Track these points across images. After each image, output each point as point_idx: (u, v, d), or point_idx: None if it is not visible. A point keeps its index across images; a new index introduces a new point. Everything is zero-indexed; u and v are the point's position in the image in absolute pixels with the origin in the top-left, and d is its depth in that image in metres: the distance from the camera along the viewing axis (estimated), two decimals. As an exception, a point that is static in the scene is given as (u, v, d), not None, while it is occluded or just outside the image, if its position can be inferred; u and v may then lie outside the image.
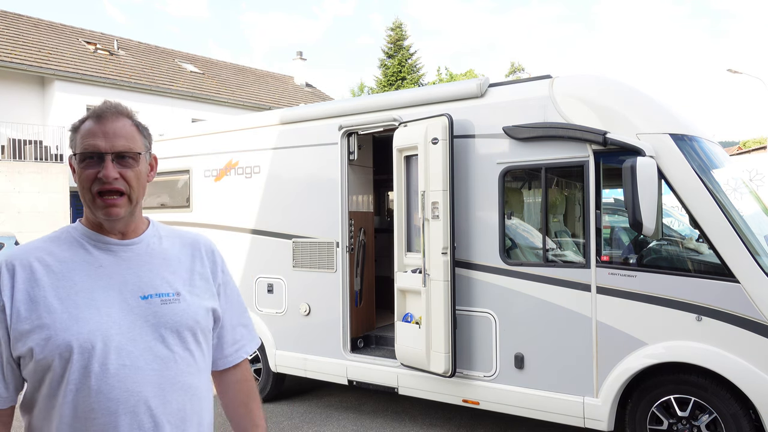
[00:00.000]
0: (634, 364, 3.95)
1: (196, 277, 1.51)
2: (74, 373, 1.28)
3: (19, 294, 1.30)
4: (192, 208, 6.31)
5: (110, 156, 1.36)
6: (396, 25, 35.66)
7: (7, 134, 16.47)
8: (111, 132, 1.38)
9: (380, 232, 7.05)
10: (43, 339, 1.28)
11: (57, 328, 1.28)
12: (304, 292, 5.54)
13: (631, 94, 4.33)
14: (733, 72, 22.47)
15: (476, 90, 4.63)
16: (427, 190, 4.59)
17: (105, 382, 1.29)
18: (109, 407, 1.29)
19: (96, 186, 1.36)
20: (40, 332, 1.28)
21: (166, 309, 1.40)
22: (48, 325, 1.28)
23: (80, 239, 1.42)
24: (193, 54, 25.90)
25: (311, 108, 5.71)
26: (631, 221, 3.72)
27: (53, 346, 1.27)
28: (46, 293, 1.31)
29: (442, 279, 4.48)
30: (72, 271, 1.36)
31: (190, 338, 1.43)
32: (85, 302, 1.33)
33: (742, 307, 3.65)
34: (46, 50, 18.69)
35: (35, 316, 1.29)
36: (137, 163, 1.41)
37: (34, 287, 1.31)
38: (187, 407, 1.40)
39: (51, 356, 1.28)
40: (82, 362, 1.29)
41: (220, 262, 1.61)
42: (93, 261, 1.39)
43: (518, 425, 5.06)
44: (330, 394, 6.22)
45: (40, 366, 1.29)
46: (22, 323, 1.29)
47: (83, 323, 1.30)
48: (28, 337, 1.28)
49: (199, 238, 1.61)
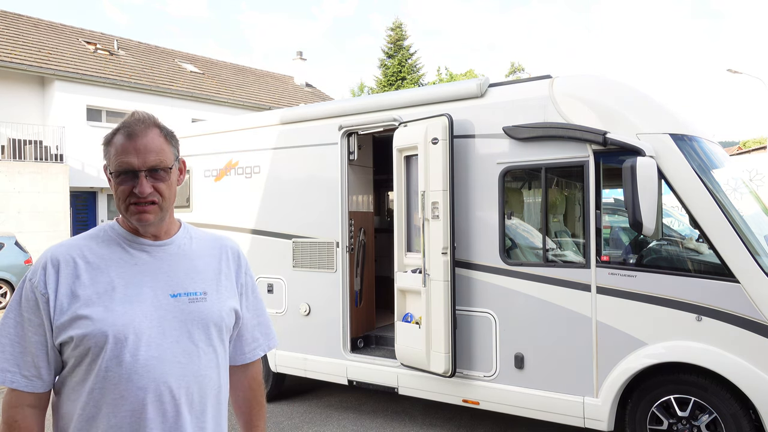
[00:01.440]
0: (634, 364, 3.95)
1: (222, 277, 1.61)
2: (107, 361, 1.38)
3: (62, 288, 1.41)
4: (192, 208, 6.31)
5: (144, 172, 1.46)
6: (396, 25, 35.68)
7: (7, 134, 16.46)
8: (142, 148, 1.46)
9: (380, 232, 7.05)
10: (82, 329, 1.38)
11: (95, 319, 1.39)
12: (304, 292, 5.54)
13: (631, 94, 4.33)
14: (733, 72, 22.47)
15: (476, 90, 4.63)
16: (427, 190, 4.59)
17: (135, 371, 1.39)
18: (137, 395, 1.39)
19: (132, 198, 1.47)
20: (80, 323, 1.39)
21: (193, 307, 1.51)
22: (86, 316, 1.39)
23: (117, 238, 1.52)
24: (193, 54, 25.90)
25: (311, 108, 5.71)
26: (631, 221, 3.72)
27: (90, 336, 1.38)
28: (86, 287, 1.42)
29: (442, 279, 4.48)
30: (109, 268, 1.46)
31: (214, 335, 1.54)
32: (120, 297, 1.43)
33: (742, 307, 3.65)
34: (46, 50, 18.68)
35: (75, 308, 1.40)
36: (168, 175, 1.51)
37: (75, 281, 1.42)
38: (207, 400, 1.51)
39: (87, 345, 1.38)
40: (115, 352, 1.39)
41: (244, 264, 1.71)
42: (129, 259, 1.50)
43: (518, 425, 5.06)
44: (330, 394, 6.22)
45: (76, 354, 1.40)
46: (64, 314, 1.40)
47: (118, 316, 1.40)
48: (68, 327, 1.39)
49: (227, 241, 1.71)
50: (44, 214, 16.06)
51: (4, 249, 12.06)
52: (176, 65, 23.27)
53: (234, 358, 1.70)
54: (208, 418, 1.51)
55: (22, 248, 12.39)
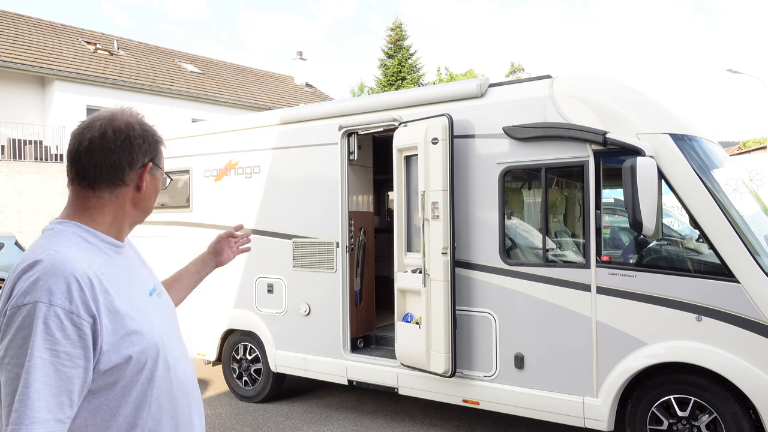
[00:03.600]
0: (634, 364, 3.95)
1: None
2: (161, 368, 1.36)
3: (102, 306, 1.26)
4: (192, 208, 6.31)
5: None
6: (396, 25, 35.67)
7: (7, 134, 16.47)
8: None
9: (380, 232, 7.06)
10: (138, 346, 1.31)
11: (143, 332, 1.33)
12: (304, 292, 5.54)
13: (631, 94, 4.33)
14: (733, 72, 22.46)
15: (476, 90, 4.63)
16: (427, 190, 4.59)
17: (176, 371, 1.42)
18: (184, 391, 1.43)
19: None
20: (133, 339, 1.30)
21: (164, 300, 1.53)
22: (135, 330, 1.31)
23: (97, 244, 1.39)
24: (193, 54, 25.90)
25: (311, 108, 5.71)
26: (631, 221, 3.72)
27: (146, 349, 1.32)
28: (118, 301, 1.31)
29: (442, 279, 4.48)
30: (117, 277, 1.36)
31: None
32: (139, 304, 1.38)
33: (742, 307, 3.65)
34: (46, 50, 18.68)
35: (120, 326, 1.28)
36: None
37: (107, 297, 1.29)
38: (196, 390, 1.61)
39: (144, 358, 1.32)
40: (163, 358, 1.37)
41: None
42: (114, 264, 1.40)
43: (518, 425, 5.06)
44: (330, 394, 6.22)
45: (133, 371, 1.30)
46: (111, 335, 1.27)
47: (150, 323, 1.37)
48: (120, 346, 1.27)
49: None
50: (44, 214, 16.05)
51: (4, 249, 12.07)
52: (176, 65, 23.26)
53: None
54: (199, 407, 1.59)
55: (22, 248, 12.40)
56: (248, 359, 5.99)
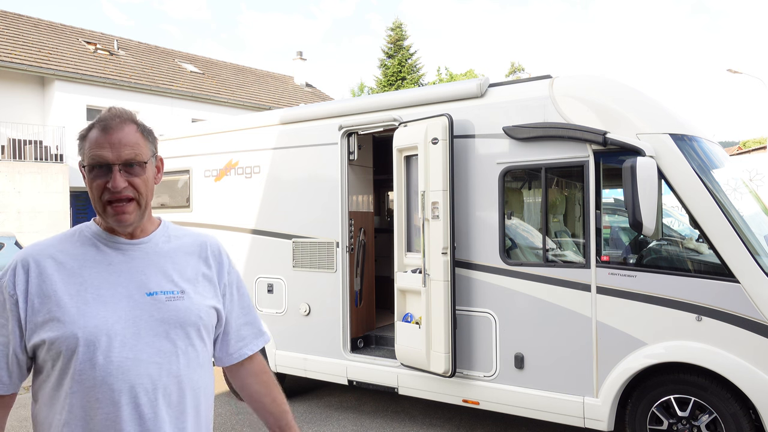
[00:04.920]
0: (634, 364, 3.95)
1: (200, 277, 1.57)
2: (80, 364, 1.35)
3: (33, 288, 1.39)
4: (192, 208, 6.31)
5: (117, 166, 1.42)
6: (396, 25, 35.67)
7: (7, 134, 16.47)
8: (117, 141, 1.43)
9: (380, 232, 7.06)
10: (54, 331, 1.36)
11: (66, 321, 1.36)
12: (304, 292, 5.54)
13: (631, 94, 4.33)
14: (733, 72, 22.46)
15: (476, 90, 4.63)
16: (427, 190, 4.59)
17: (109, 373, 1.36)
18: (112, 397, 1.36)
19: (106, 195, 1.43)
20: (51, 325, 1.36)
21: (170, 305, 1.47)
22: (58, 318, 1.36)
23: (93, 238, 1.49)
24: (193, 54, 25.90)
25: (311, 108, 5.71)
26: (631, 221, 3.72)
27: (62, 338, 1.35)
28: (57, 288, 1.39)
29: (442, 279, 4.48)
30: (82, 268, 1.43)
31: (193, 334, 1.49)
32: (93, 297, 1.40)
33: (742, 307, 3.65)
34: (46, 50, 18.68)
35: (46, 309, 1.37)
36: (144, 170, 1.47)
37: (46, 282, 1.40)
38: (186, 401, 1.46)
39: (59, 348, 1.36)
40: (87, 354, 1.36)
41: (226, 262, 1.66)
42: (103, 259, 1.46)
43: (518, 425, 5.06)
44: (330, 394, 6.22)
45: (50, 356, 1.38)
46: (36, 315, 1.38)
47: (90, 317, 1.37)
48: (41, 329, 1.37)
49: (207, 239, 1.66)
50: (44, 215, 16.05)
51: (4, 249, 12.07)
52: (176, 65, 23.27)
53: (221, 359, 1.68)
54: (188, 418, 1.47)
55: (22, 248, 12.40)
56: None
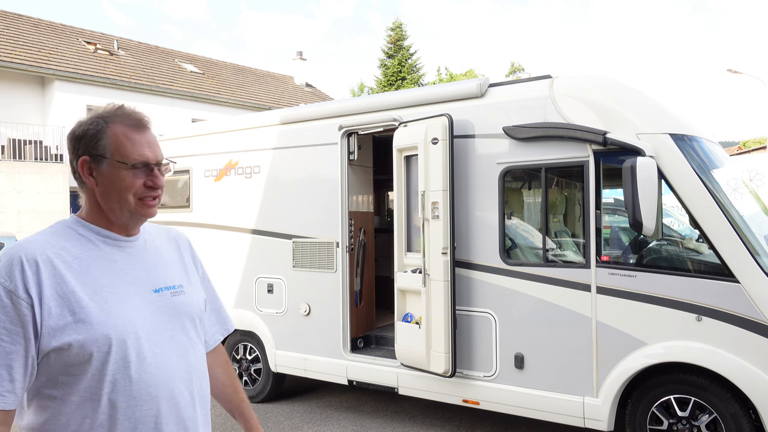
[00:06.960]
0: (634, 364, 3.95)
1: (188, 269, 1.63)
2: (114, 364, 1.32)
3: (47, 290, 1.29)
4: (192, 208, 6.31)
5: (156, 167, 1.47)
6: (396, 25, 35.65)
7: (7, 134, 16.46)
8: (153, 141, 1.48)
9: (380, 232, 7.05)
10: (81, 333, 1.29)
11: (93, 322, 1.30)
12: (304, 292, 5.54)
13: (631, 94, 4.33)
14: (733, 72, 22.46)
15: (476, 90, 4.63)
16: (427, 190, 4.59)
17: (144, 370, 1.36)
18: (150, 393, 1.36)
19: (141, 192, 1.43)
20: (77, 327, 1.29)
21: (177, 300, 1.50)
22: (83, 320, 1.30)
23: (86, 235, 1.43)
24: (193, 54, 25.90)
25: (311, 108, 5.71)
26: (631, 221, 3.72)
27: (92, 340, 1.29)
28: (74, 288, 1.32)
29: (442, 279, 4.48)
30: (90, 267, 1.38)
31: (198, 325, 1.55)
32: (111, 296, 1.36)
33: (742, 307, 3.65)
34: (46, 50, 18.68)
35: (68, 311, 1.29)
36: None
37: (60, 283, 1.31)
38: (205, 388, 1.54)
39: (89, 350, 1.29)
40: (120, 354, 1.33)
41: (196, 254, 1.73)
42: (106, 257, 1.43)
43: (518, 425, 5.06)
44: (330, 394, 6.22)
45: (76, 361, 1.29)
46: (54, 319, 1.28)
47: (116, 316, 1.34)
48: (63, 332, 1.28)
49: (177, 232, 1.71)
50: (44, 214, 16.04)
51: (3, 249, 12.06)
52: (176, 65, 23.26)
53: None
54: (206, 405, 1.54)
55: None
56: (248, 359, 5.99)
